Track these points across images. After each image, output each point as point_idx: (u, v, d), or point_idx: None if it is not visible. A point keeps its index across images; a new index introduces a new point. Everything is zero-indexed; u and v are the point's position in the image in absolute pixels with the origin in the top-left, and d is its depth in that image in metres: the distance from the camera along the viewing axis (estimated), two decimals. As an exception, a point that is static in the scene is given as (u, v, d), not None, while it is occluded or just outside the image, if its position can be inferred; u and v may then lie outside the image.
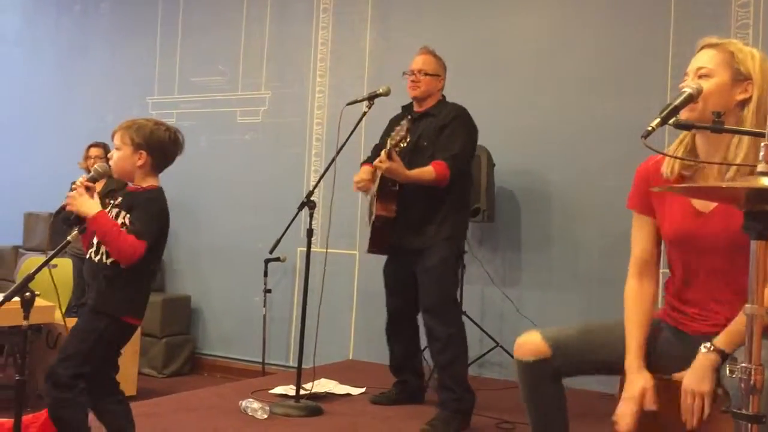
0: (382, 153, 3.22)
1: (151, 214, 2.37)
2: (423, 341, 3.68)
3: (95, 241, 2.40)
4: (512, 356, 4.31)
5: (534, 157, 4.51)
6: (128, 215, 2.37)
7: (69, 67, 6.40)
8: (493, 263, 4.55)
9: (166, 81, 5.85)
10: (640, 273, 1.99)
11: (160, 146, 2.41)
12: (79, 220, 2.37)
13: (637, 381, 1.84)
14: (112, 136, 2.47)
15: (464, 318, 3.72)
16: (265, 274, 5.14)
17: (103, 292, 2.37)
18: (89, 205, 2.31)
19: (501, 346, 4.38)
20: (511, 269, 4.55)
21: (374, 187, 3.45)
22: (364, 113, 3.48)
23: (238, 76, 5.58)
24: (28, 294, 2.12)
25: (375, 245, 3.54)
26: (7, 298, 2.12)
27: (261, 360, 5.11)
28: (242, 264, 5.33)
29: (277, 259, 4.99)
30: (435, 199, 3.38)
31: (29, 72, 6.62)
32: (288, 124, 5.36)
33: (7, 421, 2.58)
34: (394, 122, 3.56)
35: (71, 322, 4.45)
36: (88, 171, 5.22)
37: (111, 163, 2.45)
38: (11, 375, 4.79)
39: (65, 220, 5.40)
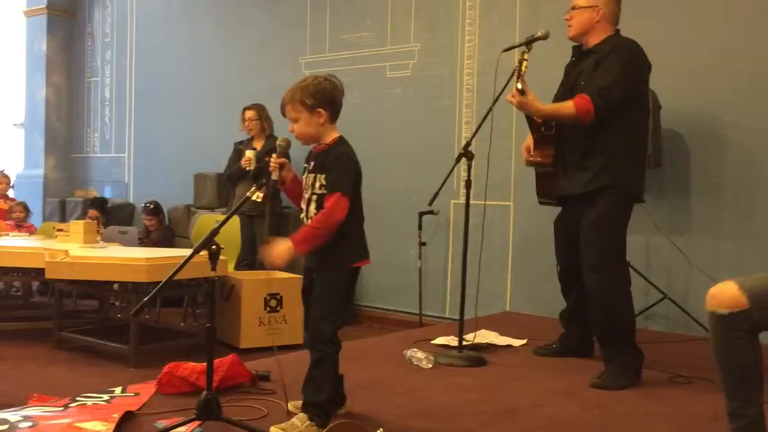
0: (513, 88, 3.07)
1: (341, 169, 2.43)
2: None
3: (303, 206, 2.51)
4: (681, 308, 4.14)
5: (705, 97, 4.20)
6: (323, 175, 2.45)
7: (226, 33, 6.70)
8: (660, 210, 4.32)
9: (318, 40, 5.97)
10: None
11: (330, 97, 2.46)
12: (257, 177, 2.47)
13: None
14: (283, 113, 2.53)
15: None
16: (420, 227, 5.20)
17: (326, 252, 2.43)
18: (283, 252, 2.37)
19: (669, 298, 4.18)
20: (679, 216, 4.30)
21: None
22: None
23: (386, 30, 5.58)
24: (214, 247, 2.25)
25: (541, 194, 3.42)
26: (197, 251, 2.26)
27: (417, 311, 5.20)
28: (397, 217, 5.41)
29: (431, 212, 5.02)
30: (593, 142, 3.13)
31: (192, 39, 6.99)
32: (438, 75, 5.32)
33: (198, 365, 2.80)
34: (569, 67, 3.40)
35: (241, 275, 4.75)
36: (248, 132, 5.52)
37: (295, 134, 2.50)
38: (190, 324, 5.21)
39: (230, 177, 5.68)
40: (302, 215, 2.52)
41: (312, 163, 2.51)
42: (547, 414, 2.73)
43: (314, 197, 2.46)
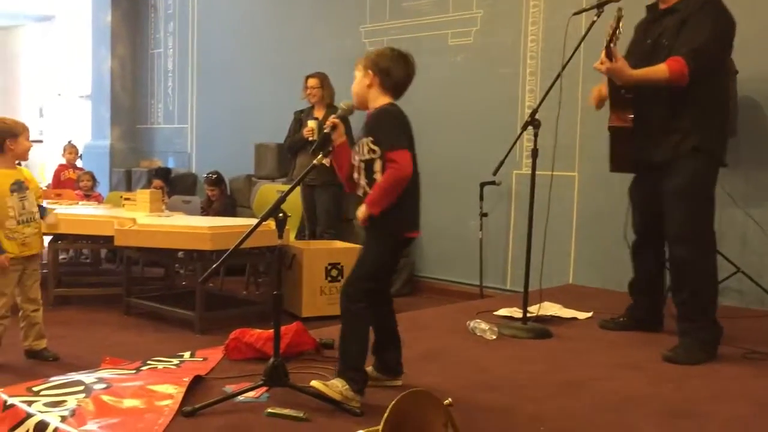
0: (602, 53, 2.94)
1: (389, 126, 2.41)
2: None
3: (354, 175, 2.50)
4: (756, 282, 3.98)
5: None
6: (370, 138, 2.41)
7: (287, 2, 6.67)
8: (734, 181, 4.13)
9: (378, 8, 5.89)
10: None
11: (385, 66, 2.47)
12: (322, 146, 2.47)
13: None
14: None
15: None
16: (481, 198, 5.13)
17: (374, 217, 2.41)
18: (361, 213, 2.40)
19: (742, 272, 4.03)
20: (755, 188, 4.13)
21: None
22: (593, 22, 3.23)
23: (448, -4, 5.47)
24: (281, 215, 2.25)
25: (616, 161, 3.27)
26: (264, 219, 2.26)
27: (478, 282, 5.15)
28: (457, 188, 5.34)
29: (493, 183, 4.94)
30: (677, 104, 3.00)
31: (254, 9, 7.00)
32: (501, 42, 5.19)
33: (264, 332, 2.84)
34: (644, 26, 3.25)
35: (303, 244, 4.79)
36: (309, 101, 5.52)
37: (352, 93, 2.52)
38: (252, 292, 5.29)
39: (291, 147, 5.69)
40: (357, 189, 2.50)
41: (362, 129, 2.50)
42: (614, 388, 2.67)
43: (362, 165, 2.44)
